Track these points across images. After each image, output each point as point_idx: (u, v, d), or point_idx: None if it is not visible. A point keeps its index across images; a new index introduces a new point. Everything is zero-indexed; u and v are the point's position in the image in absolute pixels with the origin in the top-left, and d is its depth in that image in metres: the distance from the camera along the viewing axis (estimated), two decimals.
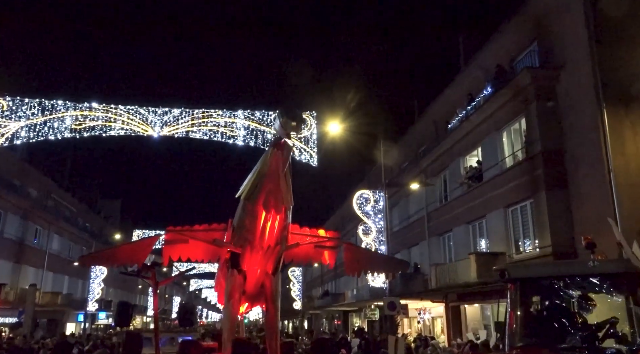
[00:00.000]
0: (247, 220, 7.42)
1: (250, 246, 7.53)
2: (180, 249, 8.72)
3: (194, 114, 19.64)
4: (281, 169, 6.73)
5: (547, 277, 6.45)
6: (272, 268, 7.99)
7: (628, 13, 14.46)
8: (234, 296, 7.89)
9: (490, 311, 19.37)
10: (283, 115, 6.40)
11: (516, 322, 6.33)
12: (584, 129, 14.56)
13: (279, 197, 6.88)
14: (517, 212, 17.25)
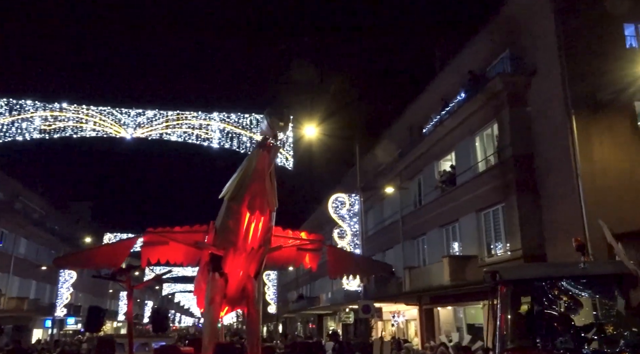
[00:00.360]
0: (231, 221, 7.28)
1: (234, 248, 7.39)
2: (159, 252, 8.50)
3: (168, 116, 19.40)
4: (267, 170, 6.64)
5: (539, 279, 6.47)
6: (254, 270, 7.88)
7: (596, 23, 14.95)
8: (215, 300, 7.72)
9: (463, 314, 19.65)
10: (271, 115, 6.31)
11: (507, 324, 6.32)
12: (553, 134, 14.93)
13: (264, 199, 6.78)
14: (489, 216, 17.56)
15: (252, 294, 7.93)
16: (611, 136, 14.23)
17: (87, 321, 9.88)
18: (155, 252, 8.50)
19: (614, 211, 13.47)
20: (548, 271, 6.93)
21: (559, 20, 14.90)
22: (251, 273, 7.84)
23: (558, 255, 14.32)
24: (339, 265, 9.50)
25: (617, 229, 13.42)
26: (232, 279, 7.79)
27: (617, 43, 15.18)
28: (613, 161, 14.03)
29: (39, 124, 18.73)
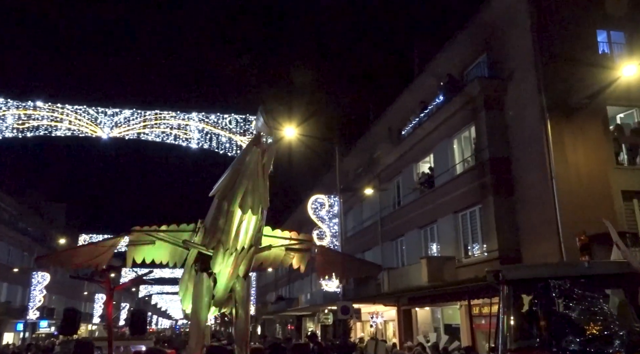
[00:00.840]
0: (222, 220, 7.07)
1: (224, 248, 7.21)
2: (145, 251, 8.26)
3: (145, 116, 19.14)
4: (260, 168, 6.48)
5: (543, 278, 6.33)
6: (244, 271, 7.71)
7: (570, 30, 15.30)
8: (203, 301, 7.53)
9: (441, 314, 19.86)
10: (266, 112, 6.20)
11: (510, 324, 6.23)
12: (529, 138, 15.21)
13: (256, 198, 6.59)
14: (466, 217, 17.80)
15: (240, 295, 7.77)
16: (584, 139, 14.57)
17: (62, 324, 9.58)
18: (141, 252, 8.28)
19: (587, 213, 13.77)
20: (552, 271, 6.81)
21: (535, 27, 15.20)
22: (240, 273, 7.69)
23: (533, 256, 14.60)
24: (329, 266, 9.37)
25: (590, 231, 13.82)
26: (220, 280, 7.63)
27: (591, 49, 15.57)
28: (586, 164, 14.36)
29: (11, 123, 18.28)
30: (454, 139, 18.99)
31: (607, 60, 15.30)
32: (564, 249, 13.51)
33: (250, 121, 19.75)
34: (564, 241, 13.55)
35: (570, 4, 15.55)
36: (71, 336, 11.22)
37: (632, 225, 14.24)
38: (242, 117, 19.73)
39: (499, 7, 17.06)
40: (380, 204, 24.84)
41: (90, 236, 42.04)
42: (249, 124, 19.69)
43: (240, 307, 7.82)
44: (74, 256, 8.98)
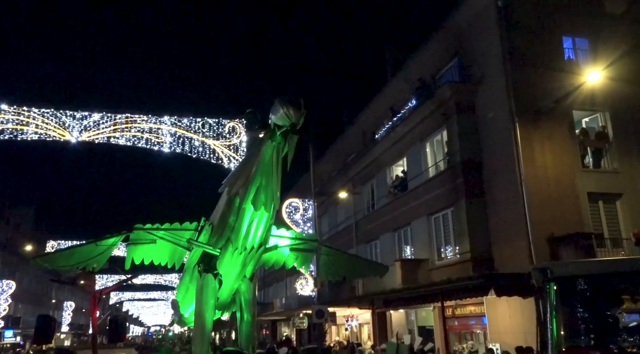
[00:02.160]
0: (232, 218, 6.67)
1: (233, 247, 6.83)
2: (145, 251, 7.76)
3: (116, 119, 18.77)
4: (275, 163, 6.15)
5: (594, 275, 6.10)
6: (251, 272, 7.37)
7: (538, 36, 15.71)
8: (208, 303, 7.09)
9: (415, 316, 20.04)
10: (286, 104, 5.67)
11: (559, 324, 5.98)
12: (499, 141, 15.52)
13: (269, 194, 6.28)
14: (439, 220, 18.02)
15: (246, 297, 7.43)
16: (551, 143, 14.96)
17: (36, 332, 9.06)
18: (141, 252, 7.76)
19: (554, 214, 14.17)
20: (604, 267, 6.56)
21: (504, 33, 15.55)
22: (247, 273, 7.34)
23: (504, 257, 14.89)
24: (334, 267, 8.96)
25: (557, 232, 14.21)
26: (226, 281, 7.24)
27: (557, 55, 16.01)
28: (553, 167, 14.74)
29: None
30: (427, 142, 19.23)
31: (573, 66, 15.76)
32: (533, 249, 13.83)
33: (223, 125, 19.59)
34: (533, 241, 13.87)
35: (537, 11, 15.97)
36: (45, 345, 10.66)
37: (598, 226, 14.69)
38: (215, 121, 19.55)
39: (468, 14, 17.39)
40: (355, 207, 24.94)
41: (59, 242, 40.92)
42: (222, 128, 19.53)
43: (246, 310, 7.46)
44: (73, 255, 8.20)
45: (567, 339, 5.96)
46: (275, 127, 5.95)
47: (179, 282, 8.97)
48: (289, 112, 5.62)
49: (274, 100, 5.91)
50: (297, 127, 5.79)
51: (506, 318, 14.50)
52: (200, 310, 7.13)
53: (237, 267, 7.10)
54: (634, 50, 15.52)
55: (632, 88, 15.58)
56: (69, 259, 8.11)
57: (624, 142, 15.61)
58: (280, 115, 5.74)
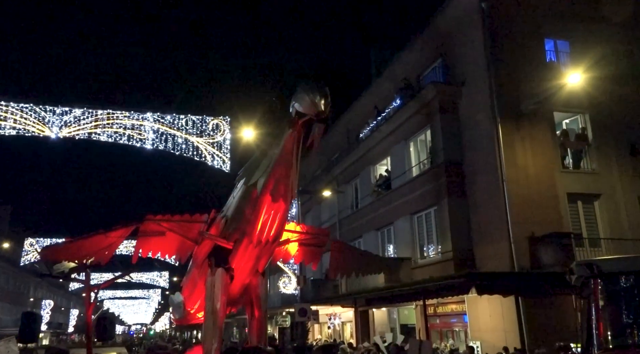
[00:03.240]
0: (249, 209, 6.34)
1: (248, 240, 6.50)
2: (154, 243, 7.35)
3: (97, 115, 18.47)
4: (295, 154, 5.89)
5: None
6: (262, 266, 7.09)
7: (520, 38, 15.92)
8: (220, 299, 6.75)
9: (397, 315, 20.17)
10: (313, 91, 5.32)
11: (604, 322, 5.80)
12: (481, 141, 15.69)
13: (289, 186, 6.02)
14: (422, 219, 18.16)
15: (258, 292, 7.16)
16: (533, 144, 15.17)
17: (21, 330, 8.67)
18: (150, 244, 7.36)
19: (535, 215, 14.38)
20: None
21: (487, 35, 15.72)
22: (260, 268, 7.07)
23: (484, 256, 15.07)
24: (344, 263, 8.57)
25: (538, 232, 14.43)
26: (237, 276, 6.93)
27: (539, 57, 16.24)
28: (534, 168, 14.95)
29: None
30: (411, 142, 19.35)
31: (554, 68, 16.00)
32: (513, 248, 14.02)
33: (207, 122, 19.44)
34: (514, 240, 14.07)
35: (520, 14, 16.17)
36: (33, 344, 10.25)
37: (577, 226, 14.95)
38: (198, 118, 19.37)
39: (453, 15, 17.53)
40: (339, 206, 24.98)
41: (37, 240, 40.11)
42: (206, 125, 19.38)
43: (257, 306, 7.19)
44: (83, 247, 7.58)
45: (614, 338, 5.83)
46: (297, 116, 5.65)
47: (185, 277, 8.55)
48: (316, 100, 5.31)
49: (297, 87, 5.59)
50: (324, 115, 5.48)
51: (487, 317, 14.68)
52: (211, 307, 6.80)
53: (250, 261, 6.83)
54: (612, 52, 15.82)
55: (611, 90, 15.87)
56: (78, 251, 7.58)
57: (602, 143, 15.91)
58: (306, 103, 5.41)
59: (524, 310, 13.24)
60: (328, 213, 26.85)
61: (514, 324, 13.32)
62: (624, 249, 14.64)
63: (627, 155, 16.03)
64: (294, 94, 5.62)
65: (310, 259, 8.31)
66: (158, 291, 77.24)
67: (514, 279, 13.51)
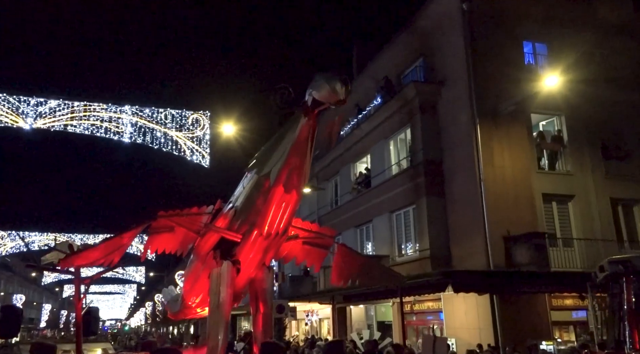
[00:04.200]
0: (260, 200, 6.12)
1: (258, 232, 6.27)
2: (163, 240, 7.07)
3: (74, 107, 18.11)
4: (310, 143, 5.72)
5: None
6: (270, 259, 6.87)
7: (500, 40, 16.13)
8: (227, 293, 6.50)
9: (374, 312, 20.32)
10: (334, 79, 5.26)
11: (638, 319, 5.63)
12: (460, 141, 15.88)
13: (301, 177, 5.84)
14: (400, 217, 18.31)
15: (265, 286, 6.95)
16: (510, 144, 15.42)
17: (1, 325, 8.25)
18: (160, 241, 7.06)
19: (510, 214, 14.64)
20: None
21: (467, 36, 15.90)
22: (267, 261, 6.85)
23: (461, 254, 15.28)
24: (347, 269, 8.07)
25: (513, 231, 14.68)
26: (243, 269, 6.68)
27: (518, 59, 16.49)
28: (511, 168, 15.21)
29: None
30: (391, 140, 19.47)
31: (532, 70, 16.28)
32: (489, 247, 14.25)
33: (186, 116, 19.23)
34: (490, 239, 14.30)
35: (499, 16, 16.39)
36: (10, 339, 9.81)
37: (551, 226, 15.27)
38: (178, 112, 19.15)
39: (434, 15, 17.68)
40: (318, 203, 25.01)
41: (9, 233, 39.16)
42: (186, 119, 19.17)
43: (263, 300, 6.96)
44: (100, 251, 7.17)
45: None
46: (313, 104, 5.54)
47: (186, 270, 8.20)
48: (337, 87, 5.23)
49: (315, 75, 5.49)
50: (344, 104, 5.39)
51: (462, 314, 14.90)
52: (217, 301, 6.53)
53: (258, 254, 6.62)
54: (587, 56, 16.18)
55: (586, 94, 16.23)
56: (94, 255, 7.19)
57: (577, 146, 16.25)
58: (325, 91, 5.34)
59: (499, 308, 13.49)
60: (307, 210, 26.85)
61: (489, 322, 13.55)
62: (596, 249, 15.04)
63: (600, 157, 16.43)
64: (311, 82, 5.55)
65: (313, 261, 7.90)
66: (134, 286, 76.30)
67: (489, 277, 13.75)
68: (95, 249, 7.27)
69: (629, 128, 17.05)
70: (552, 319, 14.25)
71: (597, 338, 12.46)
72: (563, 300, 14.61)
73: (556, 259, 14.52)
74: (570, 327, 14.90)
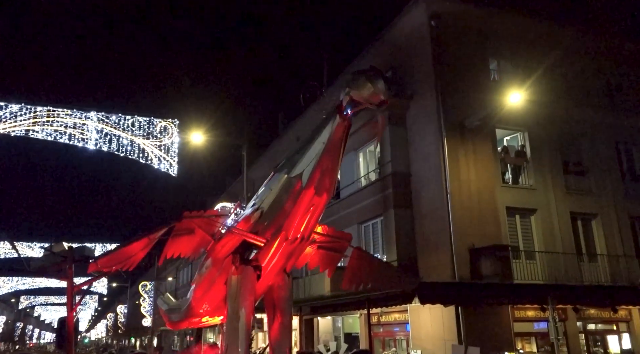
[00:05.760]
0: (289, 203, 5.77)
1: (284, 236, 5.96)
2: (182, 243, 6.74)
3: (37, 112, 17.56)
4: (344, 145, 5.54)
5: None
6: (291, 265, 6.54)
7: (467, 57, 16.58)
8: (248, 299, 6.13)
9: (341, 323, 20.29)
10: (377, 79, 5.02)
11: None
12: (427, 154, 16.15)
13: (333, 179, 5.67)
14: (369, 228, 18.41)
15: (285, 294, 6.65)
16: (475, 158, 15.78)
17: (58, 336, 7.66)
18: (180, 244, 6.75)
19: (476, 227, 14.94)
20: None
21: (435, 51, 16.27)
22: (288, 268, 6.55)
23: (428, 266, 15.46)
24: (360, 273, 7.83)
25: (478, 243, 14.97)
26: (264, 275, 6.38)
27: (484, 76, 16.97)
28: (477, 182, 15.54)
29: None
30: (360, 152, 19.63)
31: (497, 87, 16.75)
32: (455, 259, 14.48)
33: (154, 124, 18.92)
34: (456, 251, 14.53)
35: (467, 34, 16.86)
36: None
37: (514, 239, 15.65)
38: (146, 120, 18.81)
39: (404, 30, 18.01)
40: None
41: None
42: (154, 127, 18.85)
43: (280, 310, 6.65)
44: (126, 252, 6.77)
45: None
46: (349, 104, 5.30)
47: (196, 276, 7.84)
48: (380, 87, 5.02)
49: (354, 74, 5.23)
50: (386, 105, 5.16)
51: (428, 326, 15.04)
52: (237, 307, 6.17)
53: (281, 259, 6.32)
54: (549, 75, 16.78)
55: (548, 111, 16.83)
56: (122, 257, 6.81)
57: (539, 161, 16.77)
58: (368, 91, 5.10)
59: (464, 319, 13.68)
60: None
61: (454, 333, 13.72)
62: (556, 262, 15.50)
63: (561, 172, 17.00)
64: (348, 82, 5.30)
65: (326, 265, 7.63)
66: (95, 297, 73.95)
67: (455, 289, 13.95)
68: (123, 250, 6.91)
69: (589, 145, 17.72)
70: (514, 330, 14.54)
71: (557, 349, 12.81)
72: (525, 312, 14.94)
73: (519, 271, 14.86)
74: (532, 338, 15.24)
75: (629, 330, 16.33)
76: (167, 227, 6.75)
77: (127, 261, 6.64)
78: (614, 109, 18.42)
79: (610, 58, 18.96)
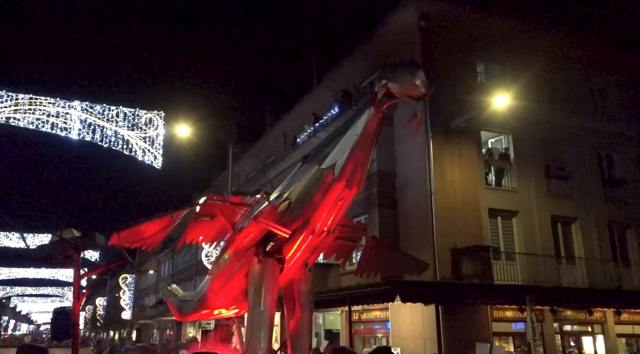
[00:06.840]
0: (319, 195, 5.64)
1: (310, 229, 5.82)
2: (202, 228, 6.45)
3: (18, 99, 17.25)
4: (376, 138, 5.49)
5: None
6: (314, 259, 6.46)
7: (454, 58, 16.70)
8: (271, 293, 5.96)
9: (322, 320, 20.35)
10: (418, 72, 5.00)
11: None
12: (413, 154, 16.25)
13: (364, 172, 5.55)
14: None
15: (306, 288, 6.49)
16: (460, 160, 15.93)
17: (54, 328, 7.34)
18: (198, 229, 6.47)
19: (458, 227, 15.11)
20: None
21: (424, 52, 16.36)
22: (310, 261, 6.43)
23: None
24: (374, 262, 7.74)
25: (460, 244, 15.13)
26: (287, 268, 6.26)
27: (471, 78, 17.12)
28: (460, 183, 15.70)
29: None
30: None
31: (483, 89, 16.91)
32: (437, 259, 14.62)
33: (139, 116, 18.71)
34: (438, 251, 14.68)
35: (455, 36, 16.98)
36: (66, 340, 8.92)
37: (495, 240, 15.86)
38: (131, 111, 18.60)
39: (393, 30, 18.08)
40: None
41: None
42: (139, 119, 18.64)
43: (300, 304, 6.46)
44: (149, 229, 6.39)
45: None
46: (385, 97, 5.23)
47: (215, 266, 7.53)
48: (422, 80, 5.00)
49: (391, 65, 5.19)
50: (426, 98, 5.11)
51: (408, 324, 15.17)
52: (258, 301, 5.97)
53: (306, 253, 6.17)
54: (535, 78, 17.01)
55: (532, 114, 17.05)
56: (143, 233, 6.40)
57: (522, 163, 17.00)
58: (408, 84, 5.09)
59: (443, 318, 13.84)
60: None
61: (433, 332, 13.86)
62: (536, 264, 15.74)
63: (543, 176, 17.25)
64: (386, 73, 5.31)
65: (341, 255, 7.59)
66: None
67: (436, 288, 14.09)
68: (146, 226, 6.51)
69: (571, 150, 18.00)
70: (492, 330, 14.75)
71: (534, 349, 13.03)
72: (504, 312, 15.16)
73: (499, 272, 15.06)
74: (509, 338, 15.47)
75: (603, 332, 16.67)
76: (189, 208, 6.55)
77: (147, 239, 6.40)
78: (597, 115, 18.75)
79: (595, 65, 19.27)
